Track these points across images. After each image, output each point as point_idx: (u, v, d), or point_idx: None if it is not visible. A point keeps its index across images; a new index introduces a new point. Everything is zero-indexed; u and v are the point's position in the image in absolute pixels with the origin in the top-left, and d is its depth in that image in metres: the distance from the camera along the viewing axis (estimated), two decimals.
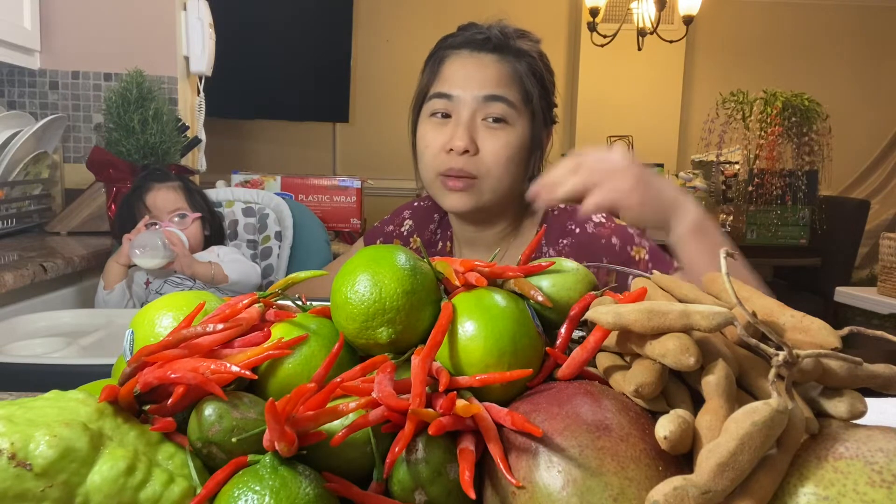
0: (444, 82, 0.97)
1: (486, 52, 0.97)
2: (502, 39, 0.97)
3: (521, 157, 0.96)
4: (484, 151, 0.94)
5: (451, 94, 0.95)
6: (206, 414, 0.36)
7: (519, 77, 0.96)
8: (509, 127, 0.95)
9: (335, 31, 3.83)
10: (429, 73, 1.01)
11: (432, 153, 0.96)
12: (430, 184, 0.99)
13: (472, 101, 0.94)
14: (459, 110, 0.95)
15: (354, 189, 2.14)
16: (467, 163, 0.94)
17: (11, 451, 0.33)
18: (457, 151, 0.93)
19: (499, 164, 0.94)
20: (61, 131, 1.91)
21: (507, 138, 0.94)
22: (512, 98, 0.95)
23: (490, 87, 0.94)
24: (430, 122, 0.98)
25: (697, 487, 0.29)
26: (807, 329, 0.37)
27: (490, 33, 0.97)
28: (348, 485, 0.36)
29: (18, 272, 1.29)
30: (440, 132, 0.96)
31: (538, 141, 0.99)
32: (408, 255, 0.45)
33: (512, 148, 0.94)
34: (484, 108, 0.94)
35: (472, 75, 0.96)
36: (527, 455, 0.35)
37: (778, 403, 0.31)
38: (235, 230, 1.65)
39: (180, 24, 2.13)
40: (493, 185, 0.95)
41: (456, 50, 0.99)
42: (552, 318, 0.46)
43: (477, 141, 0.94)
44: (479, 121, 0.95)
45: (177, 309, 0.47)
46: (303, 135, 4.11)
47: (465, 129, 0.93)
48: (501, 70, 0.96)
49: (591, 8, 3.64)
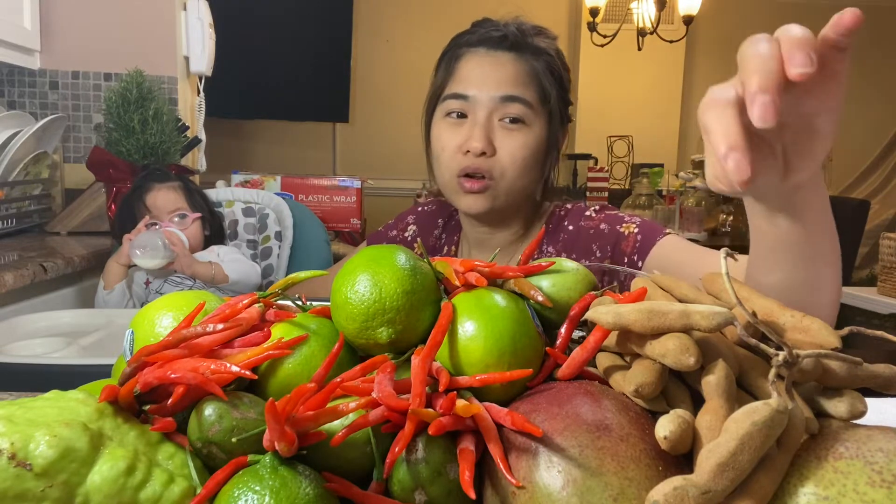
0: (459, 82, 0.95)
1: (503, 50, 0.94)
2: (520, 37, 0.95)
3: (537, 158, 0.95)
4: (501, 153, 0.92)
5: (468, 94, 0.93)
6: (206, 414, 0.36)
7: (536, 76, 0.94)
8: (526, 128, 0.93)
9: (335, 31, 3.84)
10: (444, 72, 0.98)
11: (449, 154, 0.94)
12: (445, 184, 0.98)
13: (489, 101, 0.92)
14: (476, 111, 0.93)
15: (354, 189, 2.14)
16: (484, 164, 0.92)
17: (11, 451, 0.33)
18: (474, 153, 0.91)
19: (515, 166, 0.93)
20: (61, 131, 1.91)
21: (524, 139, 0.92)
22: (529, 98, 0.93)
23: (507, 87, 0.92)
24: (446, 122, 0.96)
25: (697, 487, 0.29)
26: (807, 329, 0.37)
27: (507, 31, 0.95)
28: (348, 485, 0.36)
29: (18, 272, 1.29)
30: (456, 133, 0.94)
31: (554, 141, 0.98)
32: (408, 255, 0.45)
33: (529, 149, 0.93)
34: (501, 108, 0.92)
35: (489, 75, 0.93)
36: (527, 455, 0.35)
37: (778, 403, 0.31)
38: (235, 230, 1.65)
39: (180, 24, 2.13)
40: (509, 187, 0.94)
41: (472, 48, 0.96)
42: (552, 318, 0.46)
43: (494, 142, 0.92)
44: (496, 121, 0.93)
45: (177, 309, 0.47)
46: (303, 135, 4.11)
47: (481, 130, 0.92)
48: (519, 69, 0.94)
49: (591, 8, 3.64)
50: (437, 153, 0.97)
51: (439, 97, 0.98)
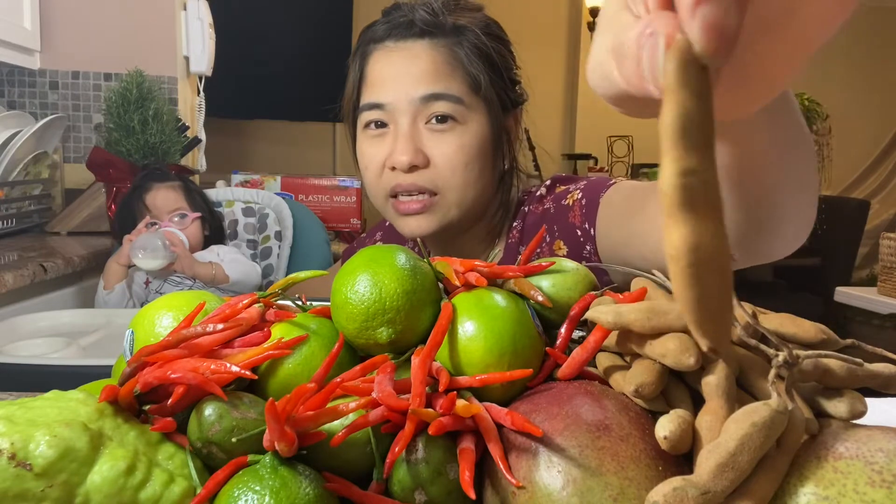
0: (371, 87, 0.80)
1: (413, 38, 0.79)
2: (430, 19, 0.79)
3: (483, 156, 0.80)
4: (437, 161, 0.78)
5: (382, 101, 0.79)
6: (206, 414, 0.36)
7: (460, 63, 0.79)
8: (459, 126, 0.78)
9: (335, 31, 3.84)
10: (354, 77, 0.83)
11: (374, 172, 0.81)
12: (381, 209, 0.84)
13: (409, 104, 0.78)
14: (396, 118, 0.78)
15: (354, 189, 2.14)
16: (419, 178, 0.78)
17: (11, 451, 0.33)
18: (401, 168, 0.78)
19: (457, 174, 0.78)
20: (61, 131, 1.91)
21: (458, 140, 0.78)
22: (456, 91, 0.78)
23: (426, 84, 0.77)
24: (366, 135, 0.82)
25: (697, 488, 0.29)
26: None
27: (414, 15, 0.79)
28: (348, 485, 0.36)
29: (18, 272, 1.29)
30: (379, 147, 0.80)
31: (500, 130, 0.82)
32: (408, 255, 0.45)
33: (468, 150, 0.78)
34: (424, 109, 0.78)
35: (402, 72, 0.78)
36: (527, 455, 0.35)
37: (778, 404, 0.31)
38: (235, 230, 1.65)
39: (180, 24, 2.13)
40: (458, 198, 0.79)
41: (379, 43, 0.81)
42: (552, 318, 0.46)
43: (424, 150, 0.78)
44: (422, 126, 0.78)
45: (177, 309, 0.47)
46: (303, 135, 4.11)
47: (406, 141, 0.77)
48: (436, 59, 0.78)
49: (591, 8, 3.64)
50: (363, 173, 0.83)
51: (356, 107, 0.83)
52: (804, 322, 0.39)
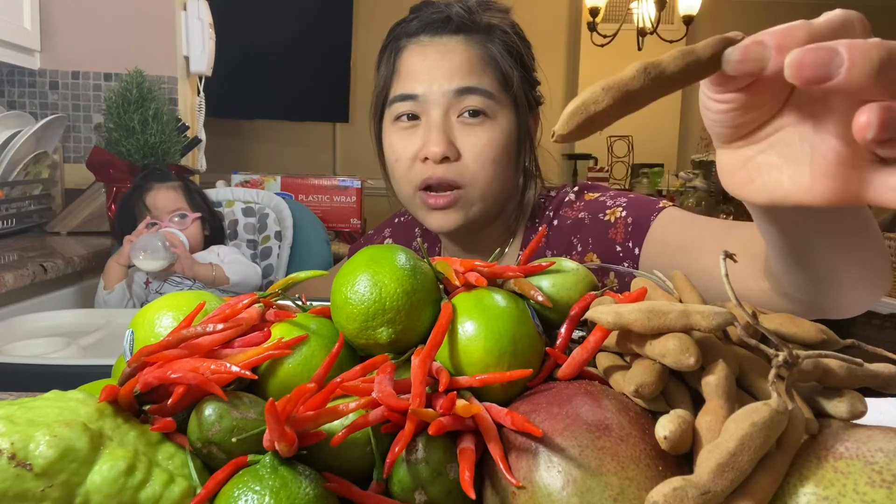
0: (405, 79, 0.82)
1: (448, 34, 0.81)
2: (466, 16, 0.81)
3: (509, 153, 0.82)
4: (466, 154, 0.80)
5: (416, 92, 0.80)
6: (206, 414, 0.36)
7: (493, 59, 0.81)
8: (490, 121, 0.80)
9: (335, 31, 3.84)
10: (385, 71, 0.85)
11: (405, 165, 0.82)
12: (407, 200, 0.85)
13: (443, 97, 0.79)
14: (429, 110, 0.80)
15: (354, 189, 2.14)
16: (448, 171, 0.80)
17: (11, 451, 0.33)
18: (434, 159, 0.79)
19: (485, 168, 0.80)
20: (61, 131, 1.91)
21: (489, 135, 0.80)
22: (488, 86, 0.80)
23: (461, 78, 0.79)
24: (396, 128, 0.83)
25: (697, 488, 0.29)
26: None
27: (450, 11, 0.81)
28: (348, 485, 0.36)
29: (18, 272, 1.29)
30: (410, 139, 0.82)
31: (525, 129, 0.85)
32: (408, 255, 0.45)
33: (496, 145, 0.80)
34: (457, 103, 0.80)
35: (438, 66, 0.80)
36: (527, 455, 0.35)
37: (778, 404, 0.31)
38: (235, 230, 1.65)
39: (180, 24, 2.13)
40: (482, 193, 0.81)
41: (414, 37, 0.83)
42: (552, 318, 0.46)
43: (455, 143, 0.80)
44: (454, 119, 0.80)
45: (177, 309, 0.47)
46: (303, 135, 4.11)
47: (439, 132, 0.79)
48: (471, 54, 0.80)
49: (591, 8, 3.64)
50: (392, 165, 0.85)
51: (385, 100, 0.85)
52: (804, 322, 0.39)
